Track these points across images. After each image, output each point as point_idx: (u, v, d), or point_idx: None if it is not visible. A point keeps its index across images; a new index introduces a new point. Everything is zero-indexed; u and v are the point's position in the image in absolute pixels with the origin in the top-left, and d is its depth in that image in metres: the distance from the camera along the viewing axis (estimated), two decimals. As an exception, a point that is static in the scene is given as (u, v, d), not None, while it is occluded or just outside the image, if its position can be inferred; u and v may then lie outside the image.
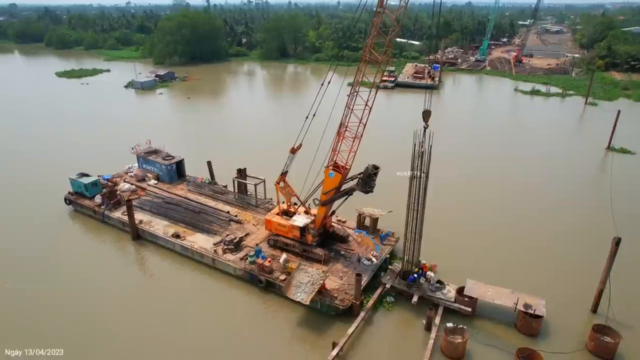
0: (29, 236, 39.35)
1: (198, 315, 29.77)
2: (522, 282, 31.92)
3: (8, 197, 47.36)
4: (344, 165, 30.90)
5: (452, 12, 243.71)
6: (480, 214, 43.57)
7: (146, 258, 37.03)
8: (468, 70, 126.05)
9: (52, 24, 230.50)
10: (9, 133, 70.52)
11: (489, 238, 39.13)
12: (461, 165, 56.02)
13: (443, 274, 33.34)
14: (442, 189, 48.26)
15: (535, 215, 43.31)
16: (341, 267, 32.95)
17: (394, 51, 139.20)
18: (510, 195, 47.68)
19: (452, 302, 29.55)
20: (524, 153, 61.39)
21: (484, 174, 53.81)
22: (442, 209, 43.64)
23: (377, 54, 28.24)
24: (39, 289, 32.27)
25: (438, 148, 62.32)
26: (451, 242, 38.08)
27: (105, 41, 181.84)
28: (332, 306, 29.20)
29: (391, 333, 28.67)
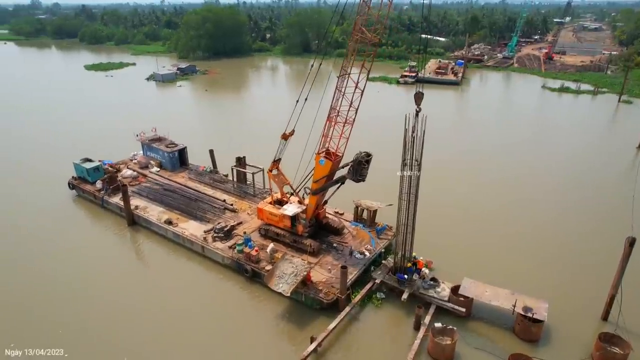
0: (30, 219, 39.70)
1: (183, 305, 28.86)
2: (526, 283, 29.60)
3: (17, 181, 48.30)
4: (335, 152, 29.36)
5: (484, 9, 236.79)
6: (490, 211, 40.99)
7: (139, 244, 36.65)
8: (494, 67, 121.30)
9: (87, 20, 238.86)
10: (29, 119, 72.59)
11: (495, 237, 36.66)
12: (477, 160, 53.36)
13: (441, 271, 31.33)
14: (454, 184, 46.29)
15: (550, 215, 40.36)
16: (331, 259, 31.42)
17: (417, 47, 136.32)
18: (526, 194, 44.67)
19: (445, 302, 27.53)
20: (545, 150, 57.86)
21: (501, 170, 50.89)
22: (451, 205, 41.72)
23: (368, 32, 26.39)
24: (33, 276, 31.80)
25: (455, 144, 59.56)
26: (454, 239, 35.90)
27: (135, 36, 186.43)
28: (317, 299, 27.75)
29: (377, 331, 26.93)
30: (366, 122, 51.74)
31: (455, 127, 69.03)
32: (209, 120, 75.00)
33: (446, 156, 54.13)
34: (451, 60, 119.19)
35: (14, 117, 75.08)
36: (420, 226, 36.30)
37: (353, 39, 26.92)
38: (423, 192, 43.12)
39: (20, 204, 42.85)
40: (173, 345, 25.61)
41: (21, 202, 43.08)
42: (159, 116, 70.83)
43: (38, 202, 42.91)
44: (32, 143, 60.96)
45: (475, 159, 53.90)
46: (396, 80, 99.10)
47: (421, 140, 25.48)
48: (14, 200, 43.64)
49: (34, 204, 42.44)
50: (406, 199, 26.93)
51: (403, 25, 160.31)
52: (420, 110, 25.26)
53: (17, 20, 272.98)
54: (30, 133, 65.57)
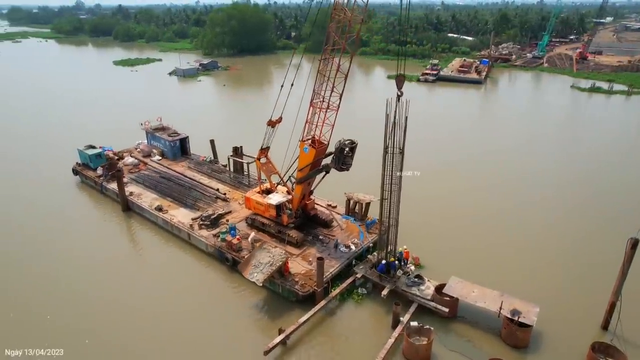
0: (32, 204, 40.38)
1: (162, 292, 28.39)
2: (521, 286, 27.55)
3: (26, 166, 49.66)
4: (319, 139, 28.22)
5: (518, 9, 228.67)
6: (495, 213, 38.67)
7: (131, 230, 36.69)
8: (522, 67, 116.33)
9: (123, 19, 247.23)
10: (50, 108, 75.12)
11: (497, 238, 34.45)
12: (486, 161, 50.94)
13: (432, 270, 29.66)
14: (461, 184, 44.17)
15: (557, 216, 37.73)
16: (315, 251, 30.25)
17: (443, 46, 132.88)
18: (534, 195, 41.98)
19: (428, 300, 25.84)
20: (562, 150, 54.67)
21: (511, 171, 48.23)
22: (454, 205, 39.74)
23: (349, 11, 25.05)
24: (28, 263, 31.69)
25: (468, 143, 56.78)
26: (452, 238, 34.03)
27: (164, 34, 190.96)
28: (292, 291, 26.69)
29: (353, 327, 25.54)
30: (377, 120, 50.31)
31: (470, 125, 66.28)
32: (222, 113, 75.30)
33: (456, 156, 52.03)
34: (477, 59, 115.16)
35: (36, 107, 77.81)
36: (418, 224, 35.11)
37: (334, 19, 25.65)
38: (426, 192, 42.21)
39: (26, 187, 43.89)
40: (143, 330, 25.17)
41: (27, 186, 44.13)
42: (173, 108, 71.87)
43: (42, 187, 43.82)
44: (48, 129, 62.94)
45: (485, 159, 51.44)
46: (416, 78, 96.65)
47: (403, 126, 23.91)
48: (20, 184, 44.81)
49: (39, 188, 43.37)
50: (389, 190, 25.40)
51: (430, 24, 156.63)
52: (401, 94, 23.72)
53: (59, 20, 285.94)
54: (48, 121, 67.88)
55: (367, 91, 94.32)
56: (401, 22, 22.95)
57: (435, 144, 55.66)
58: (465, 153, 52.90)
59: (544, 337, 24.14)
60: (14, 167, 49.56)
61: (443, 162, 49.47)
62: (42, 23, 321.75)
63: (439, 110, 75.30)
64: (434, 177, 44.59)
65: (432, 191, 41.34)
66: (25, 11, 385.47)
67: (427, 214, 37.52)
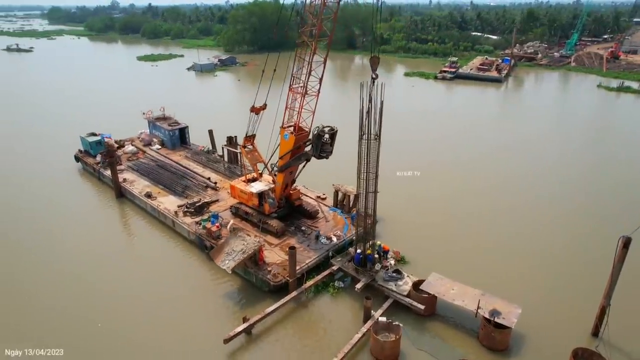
0: (31, 188, 41.21)
1: (142, 277, 28.22)
2: (506, 285, 26.05)
3: (35, 151, 50.92)
4: (298, 124, 27.34)
5: (551, 8, 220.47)
6: (490, 212, 36.84)
7: (122, 216, 36.79)
8: (548, 66, 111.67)
9: (152, 18, 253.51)
10: (69, 99, 77.25)
11: (489, 237, 32.74)
12: (493, 160, 48.80)
13: (415, 265, 28.50)
14: (463, 180, 42.51)
15: (554, 216, 35.57)
16: (294, 242, 29.37)
17: (465, 44, 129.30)
18: (534, 195, 39.79)
19: (403, 296, 24.53)
20: (571, 148, 51.90)
21: (515, 169, 45.98)
22: (449, 203, 38.12)
23: None
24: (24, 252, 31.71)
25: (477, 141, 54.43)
26: (442, 235, 32.61)
27: (189, 31, 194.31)
28: (265, 281, 25.91)
29: (324, 321, 24.54)
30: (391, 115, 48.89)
31: (481, 124, 63.72)
32: (231, 106, 75.27)
33: (458, 155, 50.14)
34: (499, 57, 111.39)
35: (54, 95, 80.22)
36: (412, 220, 33.93)
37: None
38: (424, 190, 40.57)
39: (30, 172, 44.92)
40: (111, 313, 24.93)
41: (31, 170, 45.17)
42: (184, 100, 72.49)
43: (45, 172, 44.75)
44: (60, 117, 64.63)
45: (489, 158, 49.33)
46: (434, 76, 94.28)
47: (379, 110, 22.72)
48: (26, 168, 45.92)
49: (42, 173, 44.35)
50: (365, 178, 24.24)
51: (454, 22, 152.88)
52: (376, 77, 22.53)
53: (93, 18, 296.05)
54: (61, 109, 69.82)
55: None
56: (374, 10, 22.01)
57: (440, 142, 53.85)
58: (469, 152, 50.78)
59: (527, 341, 22.48)
60: (23, 151, 50.98)
61: (445, 161, 47.74)
62: (78, 22, 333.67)
63: (452, 107, 73.09)
64: (433, 175, 43.18)
65: (430, 189, 40.07)
66: (64, 11, 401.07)
67: (422, 212, 36.18)
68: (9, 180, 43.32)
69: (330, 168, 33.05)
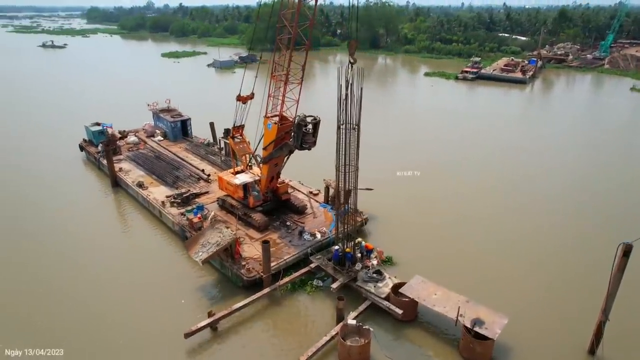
0: (36, 176, 41.53)
1: (121, 265, 27.63)
2: (495, 293, 24.06)
3: (45, 139, 51.82)
4: (281, 114, 26.16)
5: (589, 9, 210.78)
6: (490, 216, 34.58)
7: (112, 206, 36.60)
8: (579, 68, 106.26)
9: (182, 17, 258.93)
10: (86, 90, 79.03)
11: (480, 239, 30.64)
12: (500, 162, 46.22)
13: (402, 267, 26.80)
14: (464, 182, 40.42)
15: (554, 222, 33.01)
16: (276, 237, 28.18)
17: (491, 45, 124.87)
18: (537, 199, 37.20)
19: (381, 299, 22.87)
20: (583, 151, 48.53)
21: (523, 172, 43.26)
22: (445, 202, 36.23)
23: None
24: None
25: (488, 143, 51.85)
26: (431, 235, 30.83)
27: (215, 30, 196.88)
28: (239, 275, 24.81)
29: (296, 320, 23.24)
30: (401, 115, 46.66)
31: (494, 125, 60.71)
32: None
33: (463, 155, 47.80)
34: (526, 59, 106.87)
35: (75, 89, 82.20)
36: (405, 221, 32.29)
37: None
38: (422, 191, 38.52)
39: (36, 159, 45.52)
40: (81, 301, 24.42)
41: (37, 158, 45.77)
42: (197, 94, 72.85)
43: (50, 160, 45.29)
44: (77, 108, 65.76)
45: (497, 160, 46.76)
46: (455, 76, 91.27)
47: (358, 99, 21.24)
48: (33, 156, 46.65)
49: (48, 162, 44.85)
50: (342, 171, 22.77)
51: (482, 23, 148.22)
52: (354, 62, 21.06)
53: (126, 17, 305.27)
54: (80, 101, 71.18)
55: (402, 86, 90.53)
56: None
57: (447, 142, 51.60)
58: (478, 153, 48.25)
59: (512, 356, 20.43)
60: (37, 140, 51.81)
61: (448, 162, 45.45)
62: (114, 21, 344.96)
63: (468, 108, 70.16)
64: (435, 176, 41.17)
65: (431, 190, 38.16)
66: (101, 10, 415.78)
67: (421, 212, 34.40)
68: (17, 167, 44.05)
69: (329, 163, 31.61)
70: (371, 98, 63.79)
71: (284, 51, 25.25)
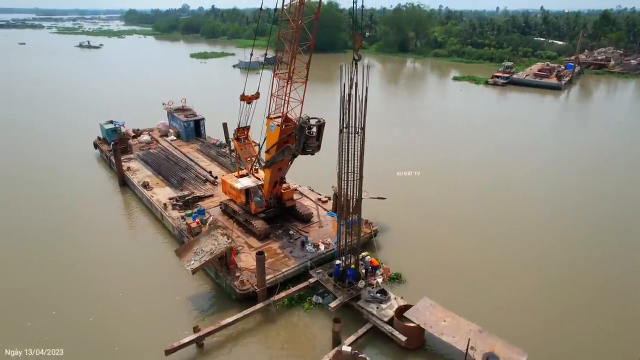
0: (49, 172, 41.45)
1: (116, 269, 26.50)
2: (513, 322, 21.31)
3: (63, 137, 52.08)
4: (284, 115, 24.37)
5: (635, 13, 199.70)
6: (506, 226, 31.61)
7: (118, 206, 35.80)
8: (621, 74, 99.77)
9: (214, 19, 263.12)
10: (110, 88, 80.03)
11: (500, 256, 27.81)
12: (522, 171, 42.83)
13: (409, 285, 24.45)
14: (484, 191, 37.70)
15: (583, 243, 29.59)
16: (277, 247, 26.35)
17: (525, 49, 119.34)
18: (574, 215, 33.84)
19: (383, 323, 20.62)
20: (628, 171, 44.34)
21: (548, 183, 39.78)
22: (461, 213, 33.65)
23: None
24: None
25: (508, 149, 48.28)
26: (446, 249, 28.25)
27: (244, 31, 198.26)
28: (232, 287, 23.11)
29: (287, 340, 21.28)
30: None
31: (518, 133, 56.97)
32: (261, 101, 74.34)
33: (480, 163, 44.67)
34: (563, 64, 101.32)
35: (100, 87, 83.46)
36: (415, 232, 30.07)
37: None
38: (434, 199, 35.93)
39: (52, 156, 45.59)
40: (71, 304, 23.35)
41: (53, 155, 45.86)
42: (215, 94, 72.29)
43: (65, 157, 45.26)
44: (98, 106, 66.24)
45: (518, 169, 43.40)
46: (485, 81, 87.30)
47: (363, 99, 19.17)
48: (50, 152, 46.82)
49: (63, 158, 44.85)
50: (344, 179, 20.72)
51: (516, 27, 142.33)
52: (359, 58, 19.01)
53: (161, 19, 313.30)
54: (102, 99, 71.96)
55: (428, 91, 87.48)
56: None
57: (472, 149, 48.59)
58: (501, 163, 45.02)
59: (531, 398, 17.78)
60: (55, 133, 52.36)
61: (470, 171, 42.63)
62: (150, 23, 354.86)
63: (494, 114, 66.44)
64: (457, 185, 38.42)
65: (448, 201, 35.47)
66: (138, 13, 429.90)
67: (435, 223, 31.80)
68: (34, 160, 44.34)
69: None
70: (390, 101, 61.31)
71: (287, 48, 23.36)
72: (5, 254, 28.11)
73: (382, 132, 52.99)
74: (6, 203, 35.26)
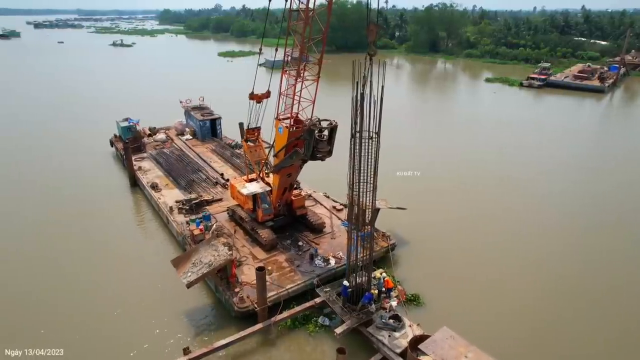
0: (63, 169, 41.12)
1: (113, 275, 25.19)
2: None
3: (83, 134, 51.81)
4: (293, 116, 22.24)
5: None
6: (550, 246, 28.29)
7: (127, 206, 34.65)
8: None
9: (244, 18, 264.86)
10: (136, 85, 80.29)
11: (533, 277, 24.61)
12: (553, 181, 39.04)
13: (429, 309, 21.77)
14: (517, 201, 34.30)
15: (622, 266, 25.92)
16: (283, 259, 24.23)
17: (564, 50, 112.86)
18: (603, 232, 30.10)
19: (395, 355, 18.12)
20: None
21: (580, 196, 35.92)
22: (491, 225, 30.44)
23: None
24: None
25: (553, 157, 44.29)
26: (472, 266, 25.26)
27: (273, 30, 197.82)
28: (231, 304, 21.14)
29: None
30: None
31: (558, 137, 52.75)
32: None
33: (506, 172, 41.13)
34: (606, 65, 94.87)
35: (125, 84, 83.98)
36: (439, 248, 27.47)
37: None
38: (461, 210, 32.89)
39: (71, 153, 45.18)
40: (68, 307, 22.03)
41: (72, 152, 45.42)
42: (237, 93, 70.83)
43: (82, 155, 44.70)
44: (120, 103, 66.16)
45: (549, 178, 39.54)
46: (519, 83, 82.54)
47: (378, 101, 16.78)
48: (67, 148, 46.53)
49: (79, 156, 44.31)
50: (356, 189, 18.35)
51: (555, 26, 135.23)
52: (374, 53, 16.63)
53: (192, 19, 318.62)
54: (125, 97, 72.12)
55: (458, 93, 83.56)
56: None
57: (503, 155, 45.10)
58: (536, 173, 41.20)
59: None
60: (76, 133, 52.04)
61: (495, 177, 39.41)
62: (183, 22, 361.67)
63: (528, 118, 62.01)
64: (487, 196, 35.27)
65: (478, 214, 32.32)
66: (172, 13, 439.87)
67: (460, 241, 28.80)
68: (51, 155, 44.25)
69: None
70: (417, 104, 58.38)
71: (296, 43, 21.24)
72: (6, 255, 27.26)
73: (406, 135, 50.30)
74: (6, 201, 34.77)
